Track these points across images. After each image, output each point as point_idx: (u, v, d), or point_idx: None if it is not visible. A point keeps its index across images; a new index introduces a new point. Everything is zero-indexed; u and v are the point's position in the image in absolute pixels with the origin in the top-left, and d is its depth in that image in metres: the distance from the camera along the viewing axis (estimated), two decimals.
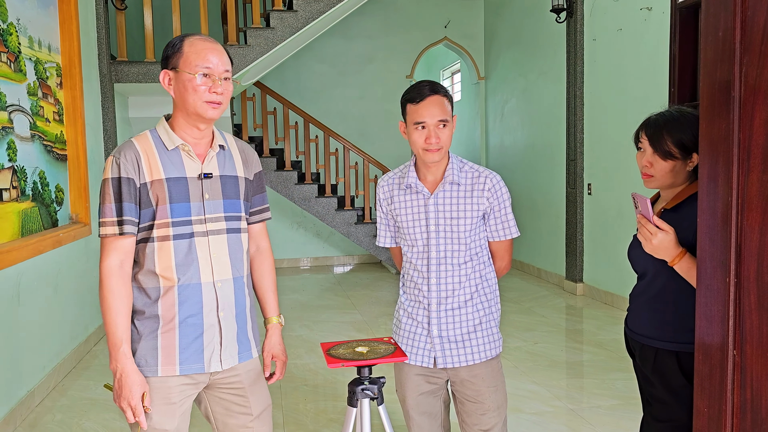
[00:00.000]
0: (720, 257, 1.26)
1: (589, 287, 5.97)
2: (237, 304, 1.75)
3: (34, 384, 3.51)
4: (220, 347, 1.71)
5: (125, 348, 1.61)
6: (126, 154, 1.64)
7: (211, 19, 6.99)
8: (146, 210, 1.64)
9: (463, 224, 1.90)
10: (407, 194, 1.96)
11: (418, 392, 1.99)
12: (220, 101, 1.65)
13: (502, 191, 1.93)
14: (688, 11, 4.56)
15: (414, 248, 1.95)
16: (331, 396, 3.64)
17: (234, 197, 1.74)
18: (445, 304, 1.92)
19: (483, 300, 1.96)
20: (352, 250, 8.28)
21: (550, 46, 6.55)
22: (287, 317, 5.51)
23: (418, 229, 1.93)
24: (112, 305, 1.60)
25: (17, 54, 3.54)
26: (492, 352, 1.97)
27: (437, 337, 1.93)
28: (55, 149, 4.07)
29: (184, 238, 1.65)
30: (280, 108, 7.63)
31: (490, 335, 1.97)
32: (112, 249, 1.62)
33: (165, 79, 1.67)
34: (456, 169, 1.92)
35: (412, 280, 1.98)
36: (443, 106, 1.85)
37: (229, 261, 1.72)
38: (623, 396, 3.52)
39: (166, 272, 1.64)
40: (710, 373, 1.30)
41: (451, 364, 1.93)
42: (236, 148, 1.81)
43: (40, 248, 3.58)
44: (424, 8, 8.30)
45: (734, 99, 1.21)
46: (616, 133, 5.43)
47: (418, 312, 1.96)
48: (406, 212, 1.96)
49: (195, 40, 1.66)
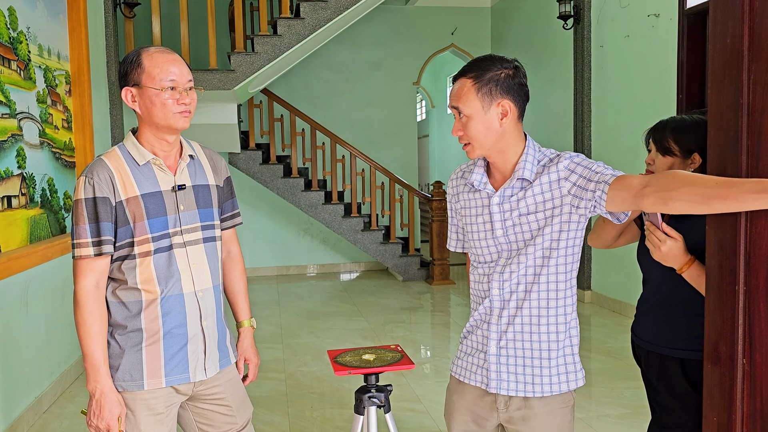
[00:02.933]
0: (729, 265, 1.25)
1: (597, 295, 5.94)
2: (217, 311, 1.77)
3: (41, 390, 3.52)
4: (205, 356, 1.71)
5: (104, 369, 1.61)
6: (99, 174, 1.62)
7: (218, 26, 7.02)
8: (123, 228, 1.63)
9: (536, 221, 1.54)
10: (470, 192, 1.66)
11: (463, 428, 1.70)
12: (189, 110, 1.65)
13: (572, 158, 1.53)
14: (696, 18, 4.57)
15: (479, 256, 1.65)
16: (337, 404, 3.63)
17: (207, 206, 1.75)
18: (507, 317, 1.60)
19: (563, 322, 1.61)
20: (358, 257, 8.27)
21: (558, 53, 6.54)
22: (294, 324, 5.51)
23: (482, 234, 1.62)
24: (91, 327, 1.60)
25: (27, 62, 3.57)
26: (563, 386, 1.60)
27: (494, 355, 1.61)
28: (63, 156, 4.10)
29: (163, 251, 1.65)
30: (287, 115, 7.65)
31: (562, 365, 1.60)
32: (88, 270, 1.61)
33: (128, 96, 1.64)
34: (530, 163, 1.55)
35: (476, 289, 1.68)
36: (464, 92, 1.52)
37: (208, 270, 1.73)
38: (632, 405, 3.49)
39: (148, 285, 1.64)
40: (720, 382, 1.28)
41: (506, 391, 1.60)
42: (204, 156, 1.81)
43: (48, 255, 3.60)
44: (431, 15, 8.31)
45: (742, 106, 1.20)
46: (623, 139, 5.41)
47: (478, 324, 1.67)
48: (469, 213, 1.66)
49: (153, 53, 1.63)
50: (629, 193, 1.37)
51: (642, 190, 1.35)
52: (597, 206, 1.45)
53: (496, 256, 1.60)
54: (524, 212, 1.55)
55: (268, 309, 6.14)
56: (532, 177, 1.54)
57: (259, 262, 7.96)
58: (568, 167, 1.51)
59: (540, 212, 1.53)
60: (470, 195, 1.65)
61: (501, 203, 1.57)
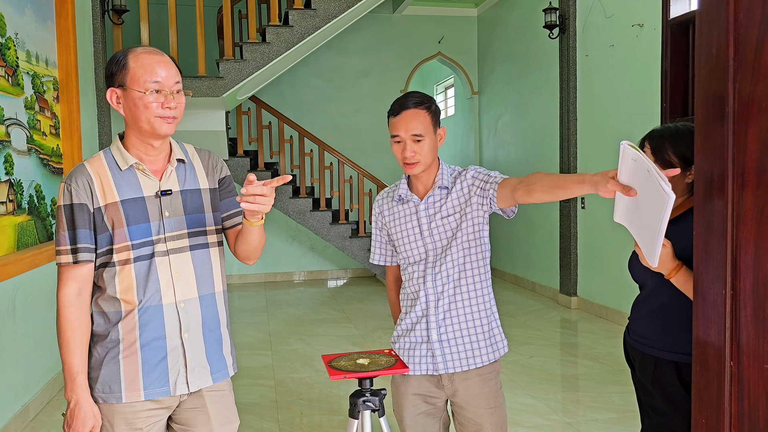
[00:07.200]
0: (716, 270, 1.28)
1: (584, 301, 5.99)
2: (206, 322, 1.68)
3: (29, 398, 3.49)
4: (186, 369, 1.63)
5: (81, 379, 1.57)
6: (77, 180, 1.57)
7: (207, 33, 7.02)
8: (103, 235, 1.58)
9: (452, 221, 1.88)
10: (399, 205, 1.97)
11: (415, 412, 1.94)
12: (173, 116, 1.57)
13: (479, 170, 1.88)
14: (679, 28, 4.65)
15: (410, 258, 1.93)
16: (326, 410, 3.63)
17: (197, 211, 1.66)
18: (442, 306, 1.89)
19: (485, 300, 1.92)
20: (346, 263, 8.27)
21: (543, 62, 6.61)
22: (282, 331, 5.51)
23: (412, 237, 1.92)
24: (70, 336, 1.57)
25: (15, 68, 3.55)
26: (495, 354, 1.93)
27: (437, 341, 1.89)
28: (51, 163, 4.08)
29: (143, 260, 1.59)
30: (276, 122, 7.66)
31: (492, 336, 1.93)
32: (70, 278, 1.58)
33: (112, 98, 1.58)
34: (446, 175, 1.91)
35: (408, 289, 1.96)
36: (421, 119, 1.82)
37: (194, 279, 1.65)
38: (619, 409, 3.52)
39: (127, 295, 1.59)
40: (708, 385, 1.31)
41: (452, 369, 1.88)
42: (198, 159, 1.72)
43: (36, 262, 3.57)
44: (419, 24, 8.37)
45: (728, 114, 1.23)
46: (609, 147, 5.48)
47: (417, 320, 1.92)
48: (399, 222, 1.96)
49: (140, 54, 1.56)
50: (509, 189, 1.74)
51: (516, 185, 1.71)
52: (492, 203, 1.82)
53: (425, 256, 1.91)
54: (444, 215, 1.89)
55: (257, 316, 6.12)
56: (449, 185, 1.89)
57: (247, 268, 7.93)
58: (473, 176, 1.87)
59: (456, 213, 1.88)
60: (399, 207, 1.97)
61: (426, 209, 1.91)
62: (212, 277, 1.70)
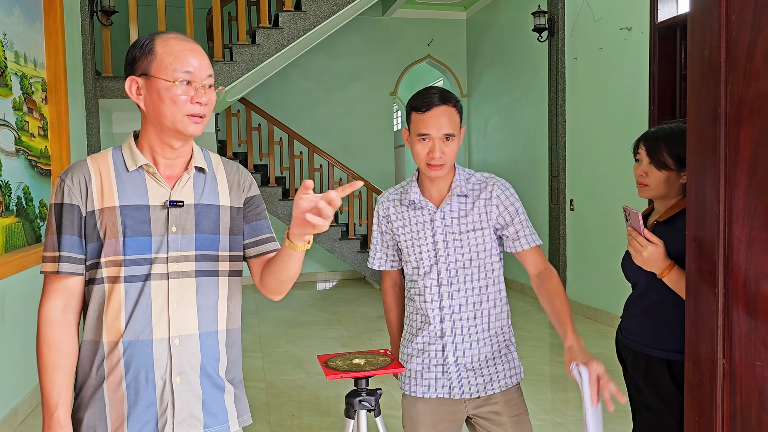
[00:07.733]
0: (708, 268, 1.30)
1: (573, 302, 6.02)
2: (205, 366, 1.39)
3: (17, 402, 3.46)
4: (173, 419, 1.34)
5: (60, 413, 1.31)
6: (74, 176, 1.34)
7: (197, 35, 6.99)
8: (93, 244, 1.34)
9: (474, 237, 1.73)
10: (409, 211, 1.78)
11: (433, 428, 1.79)
12: (203, 113, 1.33)
13: (511, 199, 1.75)
14: (667, 31, 4.69)
15: (420, 269, 1.77)
16: (317, 411, 3.63)
17: (211, 231, 1.40)
18: (461, 328, 1.74)
19: (503, 324, 1.79)
20: (335, 266, 8.27)
21: (532, 65, 6.65)
22: (272, 333, 5.49)
23: (425, 248, 1.75)
24: (49, 360, 1.31)
25: (3, 69, 3.52)
26: (513, 379, 1.80)
27: (453, 365, 1.74)
28: (39, 164, 4.04)
29: (136, 281, 1.33)
30: (265, 124, 7.64)
31: (511, 360, 1.80)
32: (54, 290, 1.33)
33: (132, 88, 1.34)
34: (463, 180, 1.74)
35: (420, 305, 1.78)
36: (452, 117, 1.67)
37: (196, 312, 1.37)
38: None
39: (114, 323, 1.33)
40: (700, 382, 1.33)
41: (469, 394, 1.75)
42: (222, 171, 1.46)
43: (24, 264, 3.54)
44: (408, 27, 8.39)
45: (720, 115, 1.25)
46: (597, 149, 5.52)
47: (430, 340, 1.77)
48: (410, 230, 1.78)
49: (170, 39, 1.33)
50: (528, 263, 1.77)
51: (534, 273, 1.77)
52: (506, 245, 1.78)
53: (437, 268, 1.75)
54: (464, 230, 1.73)
55: (247, 318, 6.10)
56: (468, 192, 1.74)
57: None
58: (501, 200, 1.74)
59: (479, 230, 1.73)
60: (410, 213, 1.79)
61: (443, 218, 1.74)
62: (216, 312, 1.41)
